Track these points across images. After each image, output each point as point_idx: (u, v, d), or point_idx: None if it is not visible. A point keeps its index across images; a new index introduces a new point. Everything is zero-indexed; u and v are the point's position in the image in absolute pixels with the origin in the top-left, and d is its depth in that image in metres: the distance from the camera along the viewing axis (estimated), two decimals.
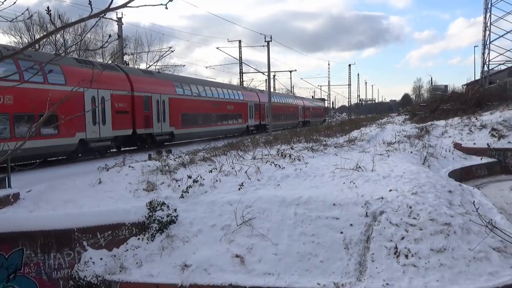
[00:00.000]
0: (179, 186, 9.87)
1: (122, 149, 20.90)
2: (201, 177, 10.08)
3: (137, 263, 8.20)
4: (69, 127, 15.70)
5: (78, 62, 17.51)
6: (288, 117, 48.93)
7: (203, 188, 9.78)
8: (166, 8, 4.08)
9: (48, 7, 4.47)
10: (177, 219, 8.84)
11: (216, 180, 10.12)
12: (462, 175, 16.27)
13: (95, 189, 10.01)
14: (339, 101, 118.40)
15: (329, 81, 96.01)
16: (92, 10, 4.11)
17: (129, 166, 11.46)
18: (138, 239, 8.58)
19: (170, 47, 48.72)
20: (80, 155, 17.30)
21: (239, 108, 34.54)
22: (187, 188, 9.64)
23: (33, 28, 42.76)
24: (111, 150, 19.66)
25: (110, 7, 3.96)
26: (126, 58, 41.19)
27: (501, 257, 7.27)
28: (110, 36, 6.38)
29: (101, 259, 8.24)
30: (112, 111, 18.55)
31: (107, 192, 9.81)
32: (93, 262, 8.19)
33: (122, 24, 31.74)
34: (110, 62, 26.68)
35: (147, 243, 8.49)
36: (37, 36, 41.72)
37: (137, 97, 20.62)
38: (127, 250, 8.42)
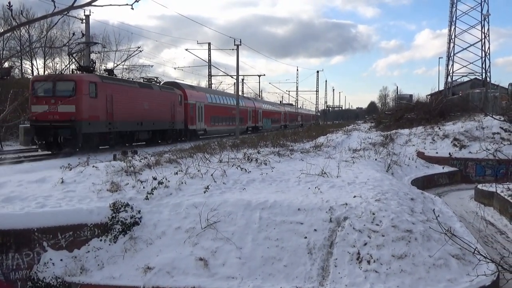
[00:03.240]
0: (144, 187, 9.77)
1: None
2: (166, 179, 10.01)
3: (98, 264, 8.07)
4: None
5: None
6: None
7: (168, 190, 9.72)
8: (132, 8, 4.03)
9: (9, 3, 4.34)
10: (141, 221, 8.75)
11: (182, 182, 10.07)
12: (424, 183, 16.62)
13: (57, 189, 9.81)
14: (307, 107, 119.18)
15: (297, 87, 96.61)
16: (55, 7, 4.02)
17: (93, 166, 11.29)
18: (100, 240, 8.45)
19: (139, 47, 48.01)
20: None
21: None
22: (152, 189, 9.55)
23: None
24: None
25: (74, 5, 3.89)
26: (93, 56, 40.47)
27: (459, 264, 7.46)
28: (73, 34, 6.30)
29: (61, 260, 8.08)
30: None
31: (70, 192, 9.63)
32: (53, 263, 8.02)
33: (88, 21, 31.09)
34: (75, 61, 26.22)
35: (109, 244, 8.37)
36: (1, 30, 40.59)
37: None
38: (89, 251, 8.28)
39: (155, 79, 31.39)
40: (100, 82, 22.63)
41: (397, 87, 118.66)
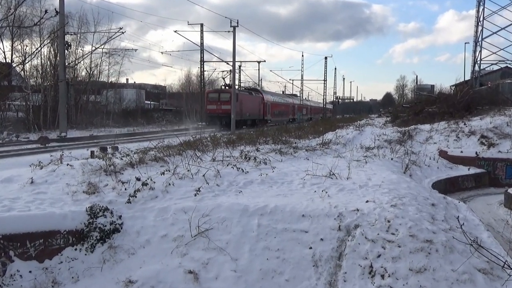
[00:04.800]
0: (125, 189, 9.76)
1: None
2: (151, 179, 9.99)
3: (73, 277, 8.06)
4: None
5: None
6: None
7: (154, 192, 9.70)
8: None
9: None
10: (122, 228, 8.74)
11: (169, 184, 10.06)
12: (447, 186, 16.63)
13: (26, 190, 9.79)
14: (313, 98, 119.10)
15: (302, 75, 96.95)
16: None
17: (67, 164, 11.26)
18: (75, 249, 8.43)
19: (120, 28, 48.26)
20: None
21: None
22: (134, 192, 9.53)
23: None
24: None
25: None
26: (68, 38, 40.42)
27: (486, 280, 7.46)
28: (46, 12, 6.23)
29: (30, 272, 8.05)
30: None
31: (40, 193, 9.60)
32: (21, 276, 8.00)
33: None
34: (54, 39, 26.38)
35: (85, 254, 8.35)
36: None
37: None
38: (62, 262, 8.26)
39: (253, 87, 67.39)
40: (237, 93, 49.68)
41: (416, 76, 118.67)
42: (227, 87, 53.02)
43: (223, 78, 57.92)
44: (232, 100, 46.28)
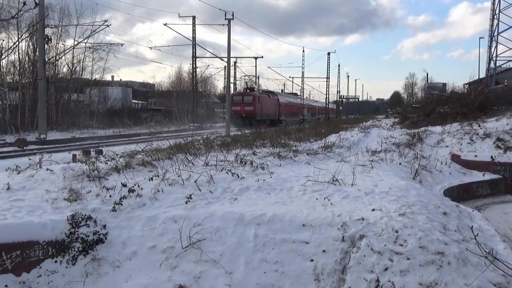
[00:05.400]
0: (110, 196, 9.75)
1: None
2: (139, 185, 9.99)
3: None
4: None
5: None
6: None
7: (141, 199, 9.70)
8: None
9: None
10: (106, 238, 8.73)
11: (158, 191, 10.05)
12: (460, 193, 16.65)
13: (1, 197, 9.77)
14: (314, 97, 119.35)
15: (303, 72, 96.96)
16: None
17: (47, 169, 11.25)
18: (55, 262, 8.41)
19: (105, 21, 48.11)
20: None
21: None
22: (120, 199, 9.52)
23: None
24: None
25: None
26: (48, 31, 40.44)
27: None
28: (24, 3, 6.23)
29: (6, 286, 8.04)
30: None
31: (17, 200, 9.59)
32: None
33: None
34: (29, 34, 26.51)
35: (66, 267, 8.34)
36: None
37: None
38: (40, 275, 8.24)
39: (268, 90, 77.21)
40: (259, 96, 61.55)
41: (427, 74, 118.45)
42: (248, 90, 65.70)
43: (246, 82, 71.36)
44: (227, 100, 45.57)
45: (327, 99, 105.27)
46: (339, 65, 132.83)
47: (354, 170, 12.61)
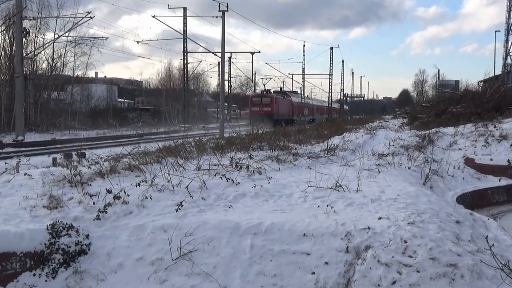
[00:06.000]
0: (94, 203, 9.74)
1: None
2: (125, 192, 9.98)
3: None
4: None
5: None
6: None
7: (128, 207, 9.69)
8: None
9: None
10: (89, 249, 8.72)
11: (146, 197, 10.05)
12: (474, 200, 16.65)
13: None
14: (316, 96, 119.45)
15: (303, 68, 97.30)
16: None
17: (25, 174, 11.24)
18: (34, 275, 8.41)
19: (89, 12, 48.01)
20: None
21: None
22: (105, 206, 9.51)
23: None
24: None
25: None
26: (26, 24, 40.42)
27: None
28: None
29: None
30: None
31: None
32: None
33: None
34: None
35: (46, 280, 8.33)
36: None
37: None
38: None
39: (283, 91, 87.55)
40: (276, 97, 71.92)
41: (438, 70, 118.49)
42: (266, 92, 75.06)
43: (264, 85, 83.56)
44: (221, 99, 45.55)
45: (330, 98, 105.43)
46: (342, 61, 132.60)
47: (359, 175, 12.62)
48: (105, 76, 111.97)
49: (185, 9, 61.70)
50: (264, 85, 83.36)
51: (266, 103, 70.37)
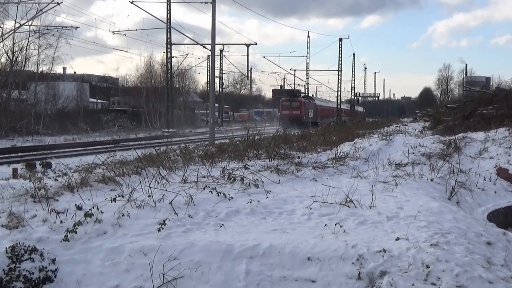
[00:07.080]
0: (61, 222, 9.72)
1: None
2: (98, 208, 9.97)
3: None
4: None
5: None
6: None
7: (101, 226, 9.68)
8: None
9: None
10: (56, 276, 8.70)
11: (123, 215, 10.04)
12: (508, 218, 16.66)
13: None
14: (322, 95, 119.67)
15: (307, 63, 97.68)
16: None
17: None
18: None
19: None
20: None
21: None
22: (74, 225, 9.48)
23: None
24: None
25: None
26: None
27: None
28: None
29: None
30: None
31: None
32: None
33: None
34: None
35: None
36: None
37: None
38: None
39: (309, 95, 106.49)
40: (304, 101, 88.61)
41: (465, 65, 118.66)
42: (295, 96, 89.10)
43: (293, 90, 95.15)
44: (211, 99, 45.11)
45: (339, 98, 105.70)
46: (353, 55, 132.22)
47: (373, 188, 12.62)
48: (74, 72, 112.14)
49: None
50: (293, 90, 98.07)
51: (296, 107, 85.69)
